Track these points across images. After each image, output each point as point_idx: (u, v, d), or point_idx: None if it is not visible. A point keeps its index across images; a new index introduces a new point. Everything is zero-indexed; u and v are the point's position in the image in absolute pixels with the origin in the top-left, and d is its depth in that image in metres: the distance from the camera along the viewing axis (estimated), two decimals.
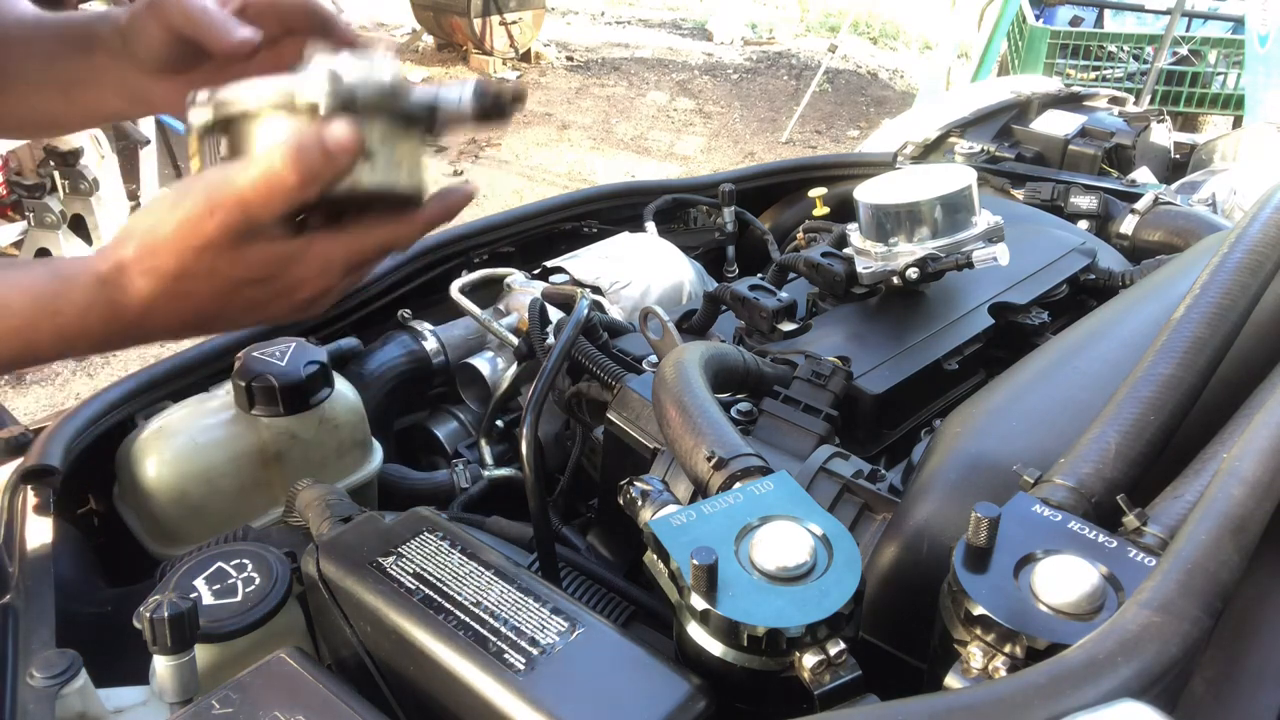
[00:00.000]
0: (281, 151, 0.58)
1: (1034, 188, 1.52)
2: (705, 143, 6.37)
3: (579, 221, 1.53)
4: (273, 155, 0.58)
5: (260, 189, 0.59)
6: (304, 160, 0.58)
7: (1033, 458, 0.66)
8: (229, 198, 0.59)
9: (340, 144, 0.59)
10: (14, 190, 3.55)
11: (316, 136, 0.58)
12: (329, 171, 0.59)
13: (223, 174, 0.59)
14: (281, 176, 0.58)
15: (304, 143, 0.58)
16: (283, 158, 0.58)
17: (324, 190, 0.61)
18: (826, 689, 0.52)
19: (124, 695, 0.70)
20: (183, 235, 0.59)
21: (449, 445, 1.24)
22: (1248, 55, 4.05)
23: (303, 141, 0.58)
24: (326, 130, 0.59)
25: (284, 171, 0.58)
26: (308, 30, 0.84)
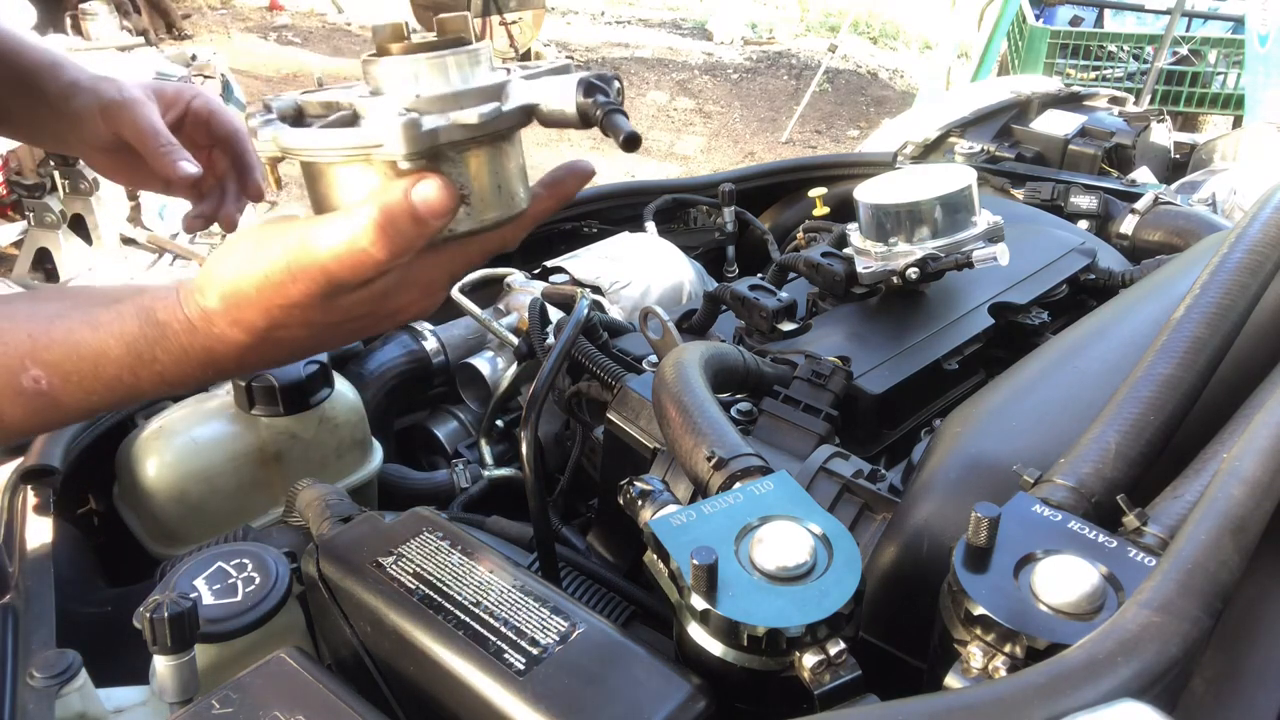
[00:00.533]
0: (366, 224, 0.51)
1: (1034, 188, 1.52)
2: (705, 143, 6.37)
3: (579, 221, 1.53)
4: (357, 227, 0.51)
5: (346, 263, 0.52)
6: (393, 232, 0.52)
7: (1033, 458, 0.66)
8: (311, 268, 0.53)
9: (432, 208, 0.52)
10: (14, 190, 3.55)
11: (405, 203, 0.51)
12: (421, 238, 0.53)
13: (302, 238, 0.53)
14: (369, 253, 0.52)
15: (392, 211, 0.51)
16: (368, 232, 0.51)
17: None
18: (826, 689, 0.52)
19: (124, 695, 0.70)
20: (266, 296, 0.54)
21: (449, 445, 1.25)
22: (1248, 55, 4.05)
23: (390, 210, 0.51)
24: (415, 192, 0.51)
25: (371, 248, 0.52)
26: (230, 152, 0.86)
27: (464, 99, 0.54)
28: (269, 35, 8.09)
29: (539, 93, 0.56)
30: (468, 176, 0.55)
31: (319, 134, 0.54)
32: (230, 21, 8.34)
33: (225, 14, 8.54)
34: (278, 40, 7.99)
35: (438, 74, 0.55)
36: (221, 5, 8.73)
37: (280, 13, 8.67)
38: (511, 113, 0.55)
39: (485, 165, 0.57)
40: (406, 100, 0.53)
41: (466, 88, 0.55)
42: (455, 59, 0.55)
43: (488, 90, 0.55)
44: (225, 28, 8.11)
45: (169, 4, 7.27)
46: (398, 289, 0.58)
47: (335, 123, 0.54)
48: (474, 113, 0.53)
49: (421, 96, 0.53)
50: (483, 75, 0.57)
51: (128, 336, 0.57)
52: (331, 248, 0.52)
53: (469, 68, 0.56)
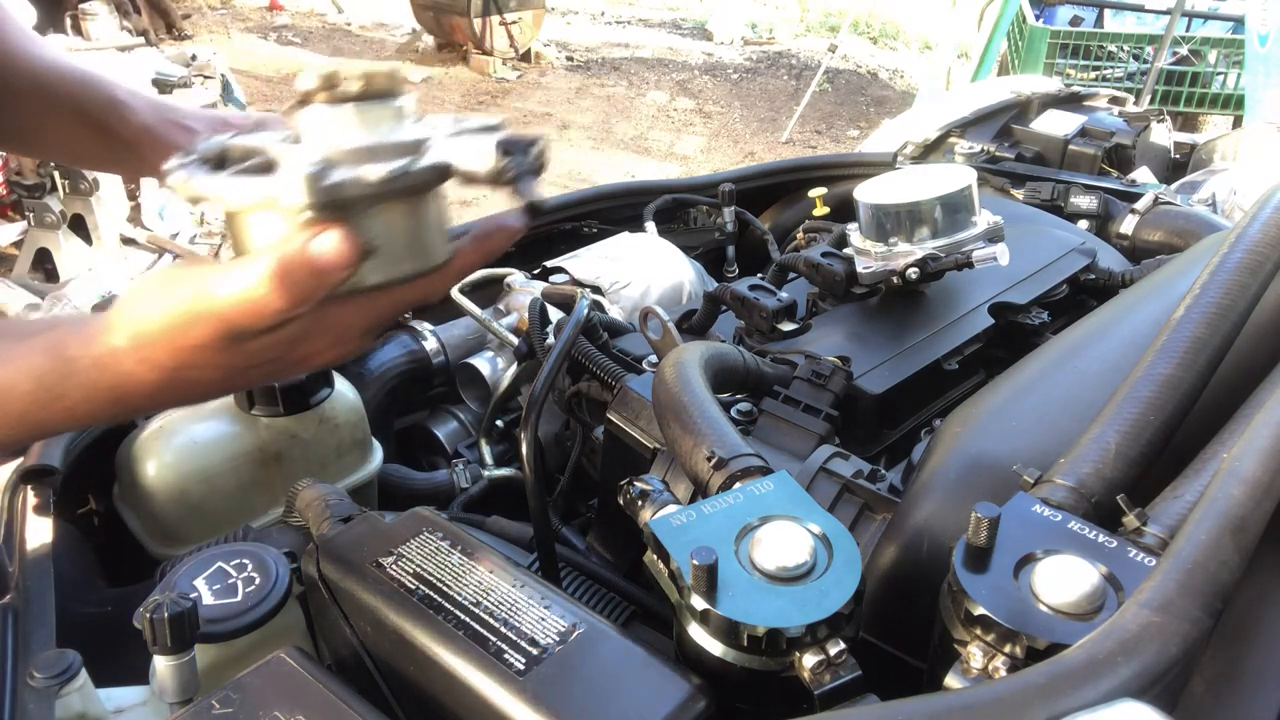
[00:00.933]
0: (263, 274, 0.52)
1: (1034, 188, 1.52)
2: (705, 143, 6.37)
3: (579, 221, 1.53)
4: (254, 276, 0.52)
5: (243, 310, 0.53)
6: (289, 283, 0.52)
7: (1033, 458, 0.66)
8: (210, 313, 0.54)
9: (331, 260, 0.52)
10: (14, 190, 3.55)
11: (303, 254, 0.52)
12: (320, 289, 0.53)
13: (205, 283, 0.53)
14: (265, 300, 0.52)
15: (289, 262, 0.52)
16: (263, 281, 0.52)
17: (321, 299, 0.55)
18: (826, 689, 0.52)
19: (124, 695, 0.70)
20: (170, 336, 0.55)
21: (449, 445, 1.25)
22: (1248, 55, 4.05)
23: (287, 261, 0.52)
24: (314, 244, 0.52)
25: (267, 296, 0.52)
26: None
27: (378, 153, 0.54)
28: (269, 35, 8.09)
29: (456, 151, 0.56)
30: (376, 230, 0.55)
31: (227, 182, 0.54)
32: (230, 21, 8.34)
33: (225, 14, 8.54)
34: (278, 40, 8.00)
35: (355, 127, 0.55)
36: (221, 5, 8.74)
37: (280, 13, 8.67)
38: (424, 170, 0.55)
39: (396, 220, 0.56)
40: (322, 151, 0.53)
41: (382, 142, 0.55)
42: (375, 113, 0.56)
43: (404, 146, 0.55)
44: (225, 28, 8.11)
45: (169, 4, 7.28)
46: (307, 336, 0.58)
47: (250, 169, 0.55)
48: (381, 169, 0.53)
49: (336, 148, 0.54)
50: (402, 131, 0.57)
51: (37, 371, 0.57)
52: (230, 295, 0.53)
53: (389, 122, 0.57)
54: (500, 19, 7.23)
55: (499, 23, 7.25)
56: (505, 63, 7.47)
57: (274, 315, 0.53)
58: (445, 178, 0.57)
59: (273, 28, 8.31)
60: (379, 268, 0.56)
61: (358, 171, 0.52)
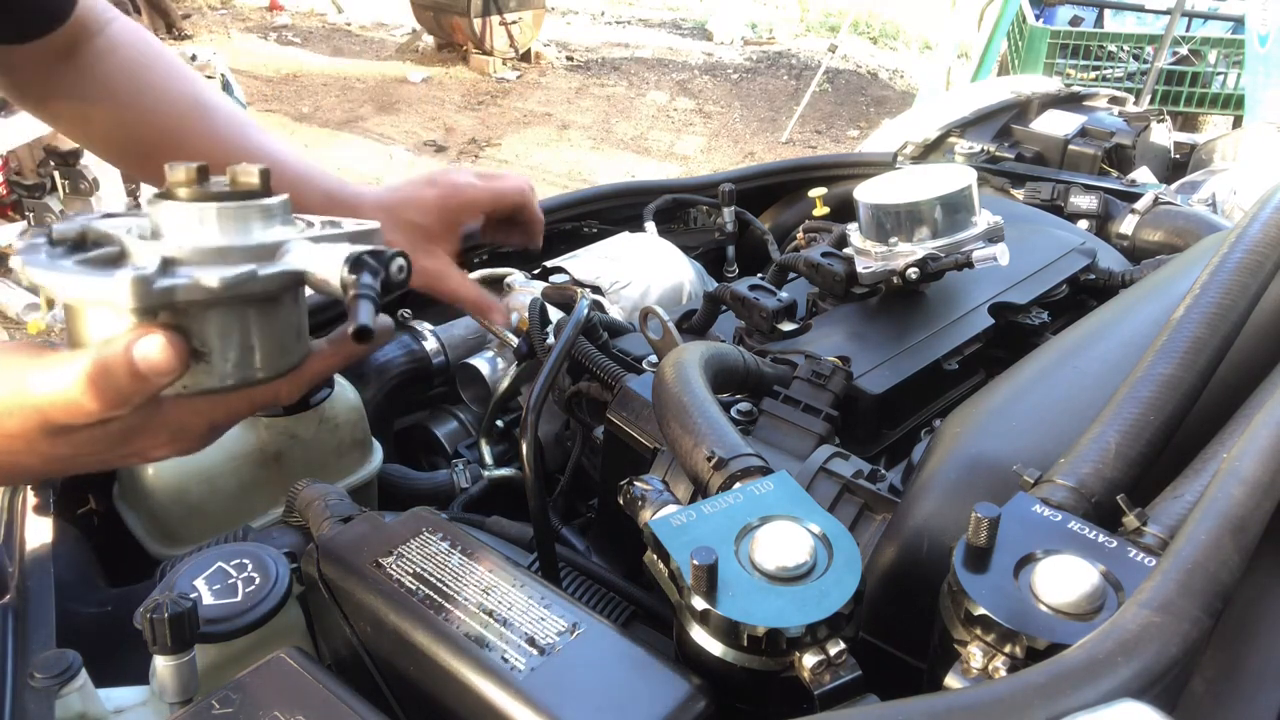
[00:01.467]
0: (78, 375, 0.50)
1: (1034, 188, 1.52)
2: (705, 143, 6.38)
3: (579, 221, 1.53)
4: (69, 377, 0.50)
5: (59, 408, 0.51)
6: (105, 386, 0.50)
7: (1033, 458, 0.66)
8: (26, 407, 0.52)
9: (154, 366, 0.50)
10: (14, 190, 3.55)
11: (123, 358, 0.49)
12: (141, 394, 0.51)
13: (23, 376, 0.51)
14: (79, 402, 0.50)
15: (108, 365, 0.49)
16: (79, 383, 0.50)
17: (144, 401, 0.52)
18: (826, 689, 0.52)
19: (124, 695, 0.70)
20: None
21: (449, 445, 1.25)
22: (1248, 55, 4.05)
23: (106, 363, 0.49)
24: (137, 348, 0.49)
25: (80, 398, 0.50)
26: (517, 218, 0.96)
27: (229, 255, 0.53)
28: (269, 35, 8.10)
29: (311, 260, 0.54)
30: (211, 334, 0.53)
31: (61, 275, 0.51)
32: (230, 21, 8.35)
33: (225, 14, 8.54)
34: (278, 40, 8.00)
35: (213, 225, 0.54)
36: (221, 5, 8.74)
37: (280, 13, 8.68)
38: (270, 278, 0.53)
39: (235, 325, 0.54)
40: (169, 250, 0.52)
41: (234, 245, 0.53)
42: (232, 212, 0.54)
43: (258, 250, 0.54)
44: (225, 28, 8.11)
45: (169, 4, 7.28)
46: (139, 432, 0.56)
47: (98, 259, 0.53)
48: (219, 274, 0.50)
49: (186, 247, 0.52)
50: (261, 233, 0.55)
51: None
52: (45, 392, 0.51)
53: (247, 222, 0.54)
54: (500, 19, 7.23)
55: (499, 23, 7.25)
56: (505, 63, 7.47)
57: (89, 416, 0.52)
58: (295, 285, 0.55)
59: (273, 28, 8.31)
60: (213, 372, 0.54)
61: (196, 275, 0.50)
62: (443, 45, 7.78)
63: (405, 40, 8.10)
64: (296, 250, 0.54)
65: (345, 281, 0.53)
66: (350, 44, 8.12)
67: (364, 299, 0.52)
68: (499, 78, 7.32)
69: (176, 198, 0.55)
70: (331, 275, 0.53)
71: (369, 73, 7.32)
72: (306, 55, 7.58)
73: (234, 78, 4.75)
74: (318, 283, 0.54)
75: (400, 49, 7.95)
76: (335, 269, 0.53)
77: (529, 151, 6.04)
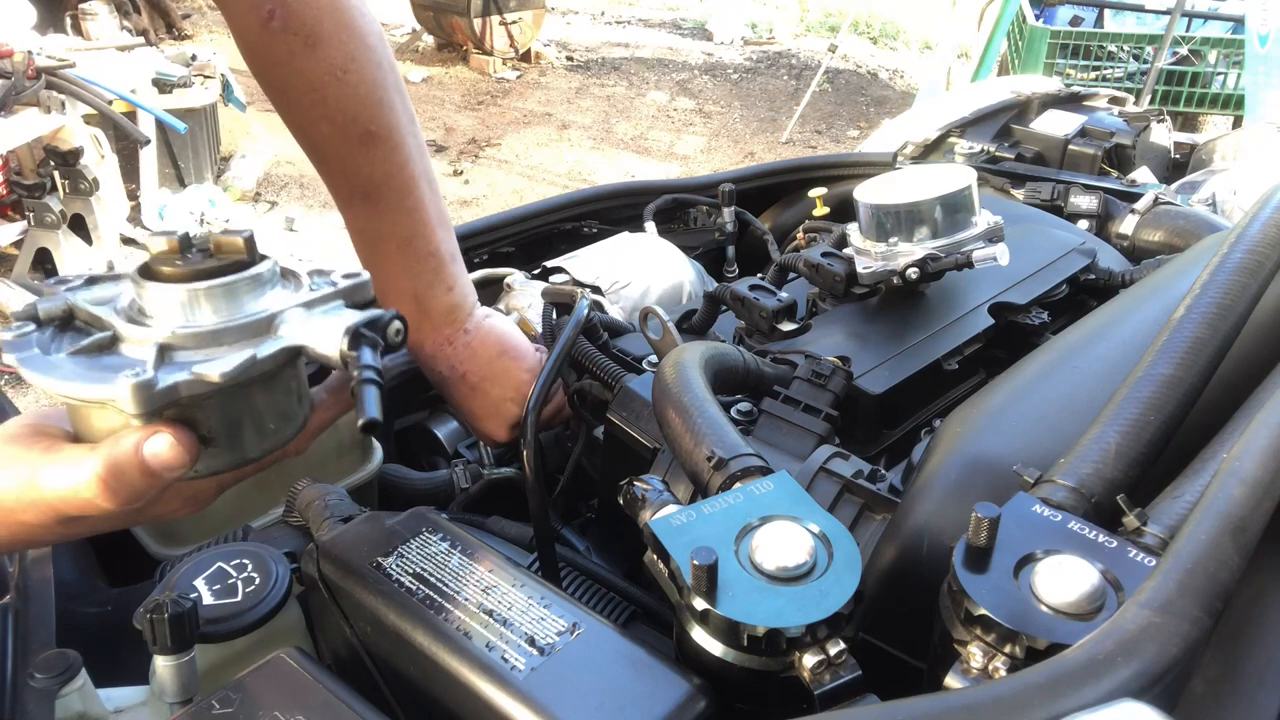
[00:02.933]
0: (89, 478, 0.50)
1: (1034, 188, 1.52)
2: (705, 143, 6.37)
3: (579, 221, 1.53)
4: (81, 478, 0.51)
5: (74, 505, 0.52)
6: (118, 485, 0.51)
7: (1033, 458, 0.66)
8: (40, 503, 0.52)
9: (164, 462, 0.50)
10: (14, 190, 3.55)
11: (134, 457, 0.50)
12: (153, 488, 0.52)
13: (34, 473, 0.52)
14: (93, 501, 0.51)
15: (119, 465, 0.50)
16: (91, 485, 0.50)
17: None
18: (826, 689, 0.52)
19: (124, 695, 0.70)
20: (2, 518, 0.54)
21: (449, 445, 1.24)
22: (1248, 55, 4.04)
23: (117, 464, 0.50)
24: (147, 446, 0.50)
25: (95, 499, 0.51)
26: None
27: (225, 336, 0.52)
28: None
29: (309, 334, 0.53)
30: (216, 421, 0.53)
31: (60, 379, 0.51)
32: None
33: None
34: None
35: (199, 307, 0.53)
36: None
37: None
38: (271, 358, 0.52)
39: (241, 407, 0.54)
40: (165, 333, 0.51)
41: (228, 325, 0.52)
42: (221, 290, 0.53)
43: (252, 326, 0.53)
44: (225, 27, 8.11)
45: (169, 4, 7.28)
46: (152, 505, 0.57)
47: (91, 348, 0.52)
48: (219, 367, 0.50)
49: (180, 332, 0.52)
50: (252, 303, 0.54)
51: None
52: (57, 490, 0.52)
53: (238, 297, 0.54)
54: (500, 19, 7.23)
55: (499, 22, 7.25)
56: (505, 62, 7.47)
57: (103, 512, 0.52)
58: (294, 359, 0.54)
59: None
60: (221, 455, 0.54)
61: (197, 368, 0.50)
62: (443, 45, 7.78)
63: (405, 40, 8.10)
64: (292, 322, 0.54)
65: (345, 357, 0.52)
66: None
67: (368, 385, 0.51)
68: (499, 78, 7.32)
69: (162, 276, 0.53)
70: (330, 349, 0.53)
71: None
72: None
73: (234, 78, 4.75)
74: (317, 356, 0.53)
75: (400, 49, 7.94)
76: (334, 343, 0.52)
77: (529, 151, 6.04)
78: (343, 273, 0.59)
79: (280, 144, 5.03)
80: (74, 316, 0.56)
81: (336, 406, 0.62)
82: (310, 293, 0.56)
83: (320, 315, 0.54)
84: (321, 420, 0.62)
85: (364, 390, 0.51)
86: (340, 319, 0.53)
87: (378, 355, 0.53)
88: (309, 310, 0.55)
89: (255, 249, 0.56)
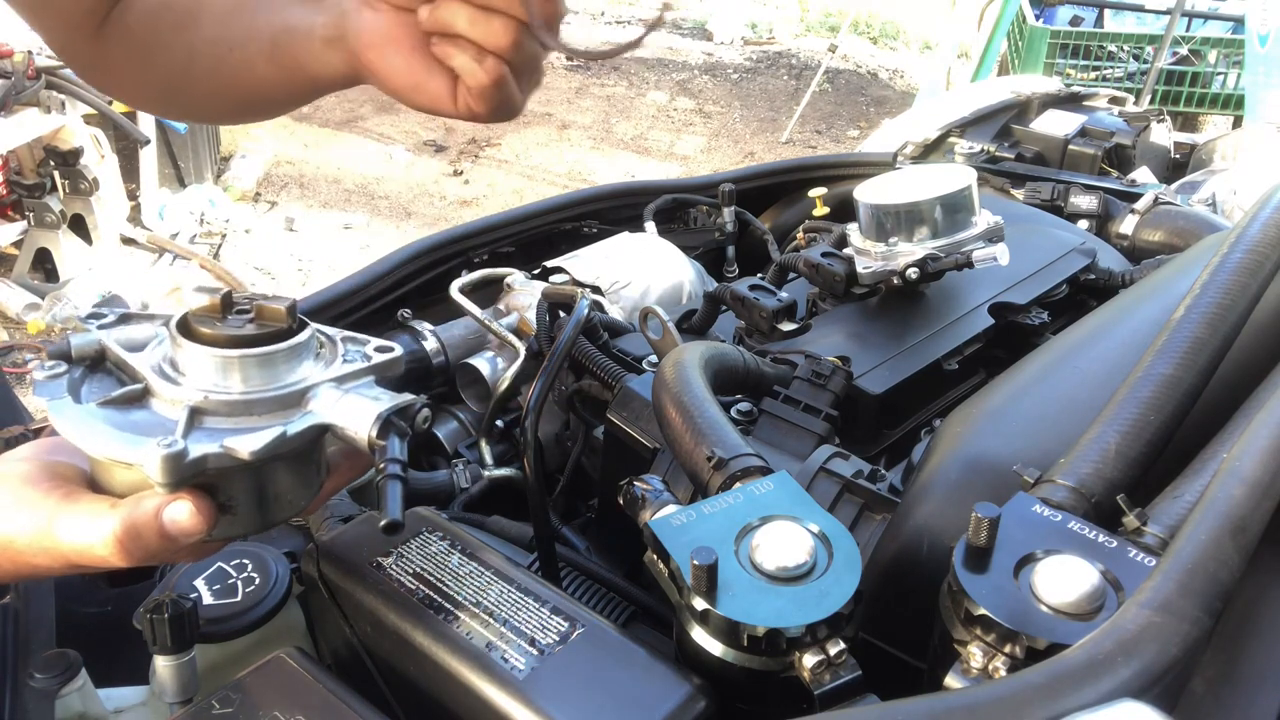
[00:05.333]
0: (107, 536, 0.51)
1: (1034, 188, 1.52)
2: (705, 143, 6.37)
3: (579, 221, 1.53)
4: (98, 535, 0.51)
5: (86, 559, 0.52)
6: (133, 546, 0.51)
7: (1033, 458, 0.66)
8: (54, 551, 0.53)
9: (182, 529, 0.51)
10: (14, 190, 3.55)
11: (153, 521, 0.51)
12: (167, 551, 0.52)
13: (50, 520, 0.52)
14: (107, 559, 0.52)
15: (137, 527, 0.51)
16: (107, 544, 0.51)
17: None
18: (826, 689, 0.52)
19: (124, 695, 0.70)
20: (11, 555, 0.54)
21: (449, 445, 1.24)
22: (1248, 55, 4.04)
23: (135, 526, 0.51)
24: (166, 513, 0.51)
25: (108, 556, 0.51)
26: None
27: (256, 407, 0.52)
28: None
29: (339, 414, 0.53)
30: (237, 493, 0.53)
31: (91, 435, 0.51)
32: None
33: None
34: None
35: (234, 374, 0.53)
36: None
37: None
38: (299, 436, 0.52)
39: (261, 481, 0.54)
40: (197, 395, 0.52)
41: (261, 396, 0.53)
42: (257, 360, 0.53)
43: (284, 399, 0.53)
44: None
45: None
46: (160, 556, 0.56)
47: (120, 400, 0.53)
48: (250, 444, 0.50)
49: (212, 398, 0.52)
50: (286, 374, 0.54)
51: None
52: (72, 543, 0.52)
53: (274, 368, 0.54)
54: None
55: None
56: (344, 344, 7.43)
57: (115, 567, 0.53)
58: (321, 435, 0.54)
59: None
60: (238, 523, 0.54)
61: (228, 442, 0.50)
62: None
63: None
64: (324, 398, 0.54)
65: (374, 444, 0.53)
66: None
67: (393, 482, 0.52)
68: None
69: (201, 338, 0.53)
70: (359, 432, 0.53)
71: None
72: None
73: None
74: (345, 437, 0.54)
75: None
76: (364, 426, 0.53)
77: (529, 151, 6.04)
78: (375, 344, 0.59)
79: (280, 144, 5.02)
80: (105, 356, 0.56)
81: (351, 472, 0.63)
82: (343, 365, 0.57)
83: (351, 393, 0.55)
84: (335, 485, 0.62)
85: (389, 487, 0.52)
86: (371, 403, 0.54)
87: (405, 446, 0.53)
88: (340, 386, 0.55)
89: (296, 317, 0.56)
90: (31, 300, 3.43)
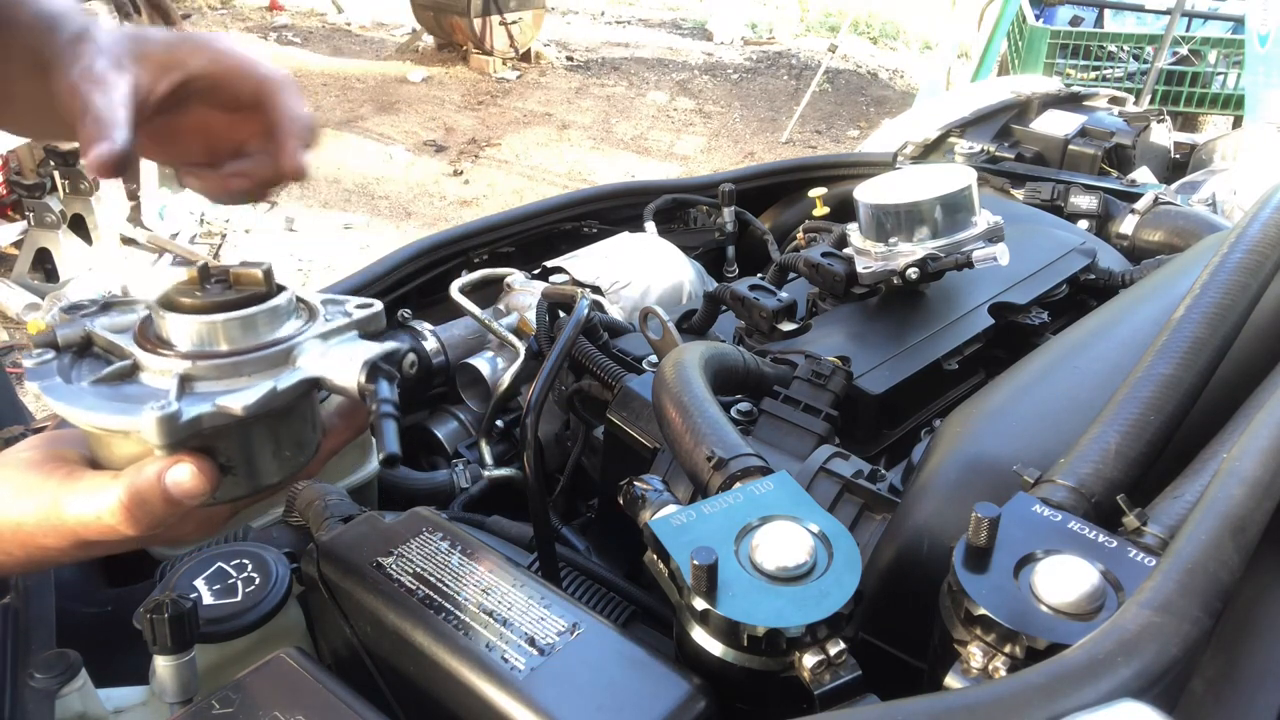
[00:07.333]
0: (113, 505, 0.51)
1: (1034, 188, 1.52)
2: (705, 143, 6.37)
3: (579, 221, 1.53)
4: (104, 505, 0.51)
5: (94, 530, 0.53)
6: (141, 513, 0.51)
7: (1033, 458, 0.66)
8: (61, 528, 0.53)
9: (186, 491, 0.51)
10: (14, 190, 3.55)
11: (156, 485, 0.51)
12: (174, 515, 0.53)
13: (55, 500, 0.52)
14: (114, 528, 0.52)
15: (141, 494, 0.51)
16: (114, 513, 0.51)
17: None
18: (826, 689, 0.52)
19: (124, 695, 0.70)
20: (22, 539, 0.54)
21: (449, 445, 1.24)
22: (1248, 55, 4.04)
23: (140, 492, 0.51)
24: (169, 475, 0.51)
25: (118, 526, 0.52)
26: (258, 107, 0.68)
27: (244, 366, 0.53)
28: (269, 35, 8.09)
29: (327, 365, 0.54)
30: (235, 451, 0.54)
31: (83, 409, 0.51)
32: (230, 21, 8.34)
33: (225, 14, 8.54)
34: (278, 40, 7.99)
35: (218, 338, 0.54)
36: (221, 5, 8.73)
37: (280, 13, 8.67)
38: (290, 390, 0.53)
39: (260, 437, 0.55)
40: (184, 364, 0.52)
41: (249, 354, 0.54)
42: (239, 322, 0.54)
43: (271, 356, 0.54)
44: (225, 28, 8.11)
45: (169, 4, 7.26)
46: (171, 527, 0.57)
47: (110, 376, 0.53)
48: (241, 399, 0.51)
49: (200, 363, 0.53)
50: (270, 333, 0.55)
51: None
52: (80, 517, 0.52)
53: (256, 329, 0.55)
54: (500, 19, 7.22)
55: (499, 22, 7.25)
56: (505, 62, 7.47)
57: (125, 538, 0.53)
58: (312, 389, 0.55)
59: (273, 28, 8.31)
60: (239, 483, 0.55)
61: (221, 400, 0.51)
62: (443, 45, 7.78)
63: (405, 40, 8.09)
64: (310, 353, 0.55)
65: (363, 390, 0.54)
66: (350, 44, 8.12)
67: (387, 420, 0.53)
68: (499, 77, 7.32)
69: (182, 308, 0.54)
70: (348, 381, 0.54)
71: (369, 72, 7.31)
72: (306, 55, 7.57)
73: None
74: (334, 387, 0.55)
75: (400, 49, 7.94)
76: (351, 375, 0.54)
77: (529, 151, 6.04)
78: (356, 303, 0.60)
79: None
80: (92, 342, 0.57)
81: (348, 431, 0.63)
82: (325, 323, 0.57)
83: (336, 346, 0.56)
84: (333, 445, 0.62)
85: (383, 424, 0.52)
86: (356, 350, 0.55)
87: (394, 388, 0.54)
88: (325, 341, 0.56)
89: (273, 280, 0.57)
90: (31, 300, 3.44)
